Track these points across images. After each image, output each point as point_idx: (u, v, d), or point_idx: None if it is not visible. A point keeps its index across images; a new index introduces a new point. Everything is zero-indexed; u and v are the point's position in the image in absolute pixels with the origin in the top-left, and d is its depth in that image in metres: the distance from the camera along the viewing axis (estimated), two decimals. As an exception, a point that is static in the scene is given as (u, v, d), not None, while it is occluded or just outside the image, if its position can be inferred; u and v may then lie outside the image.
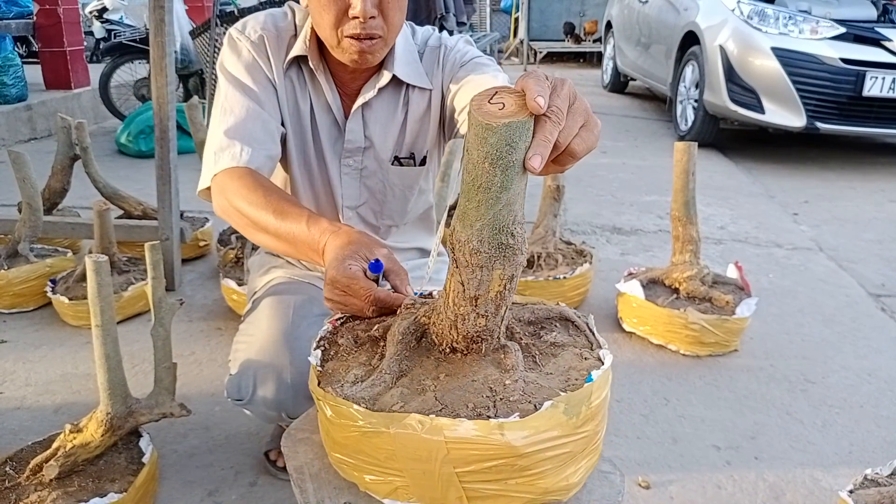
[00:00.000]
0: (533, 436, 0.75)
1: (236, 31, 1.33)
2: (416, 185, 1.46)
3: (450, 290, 0.81)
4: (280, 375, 1.24)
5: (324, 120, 1.38)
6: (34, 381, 2.02)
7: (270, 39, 1.32)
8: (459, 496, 0.78)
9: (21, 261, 2.43)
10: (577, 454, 0.81)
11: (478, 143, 0.68)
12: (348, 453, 0.82)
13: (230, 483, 1.60)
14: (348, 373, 0.86)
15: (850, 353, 2.26)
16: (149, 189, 2.97)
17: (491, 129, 0.66)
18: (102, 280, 1.31)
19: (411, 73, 1.35)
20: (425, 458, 0.76)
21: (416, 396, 0.80)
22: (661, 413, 1.91)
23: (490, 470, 0.76)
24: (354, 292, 0.96)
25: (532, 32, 11.17)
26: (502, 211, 0.71)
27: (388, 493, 0.82)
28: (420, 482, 0.79)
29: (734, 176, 4.53)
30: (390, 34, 1.23)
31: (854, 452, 1.77)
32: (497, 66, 1.40)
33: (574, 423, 0.78)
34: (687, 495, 1.60)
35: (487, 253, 0.74)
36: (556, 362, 0.86)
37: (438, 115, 1.40)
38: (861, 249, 3.22)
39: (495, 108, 0.68)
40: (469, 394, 0.79)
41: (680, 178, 2.18)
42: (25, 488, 1.36)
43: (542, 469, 0.78)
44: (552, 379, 0.82)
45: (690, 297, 2.25)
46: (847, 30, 4.43)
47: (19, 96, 5.30)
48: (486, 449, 0.75)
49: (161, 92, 2.42)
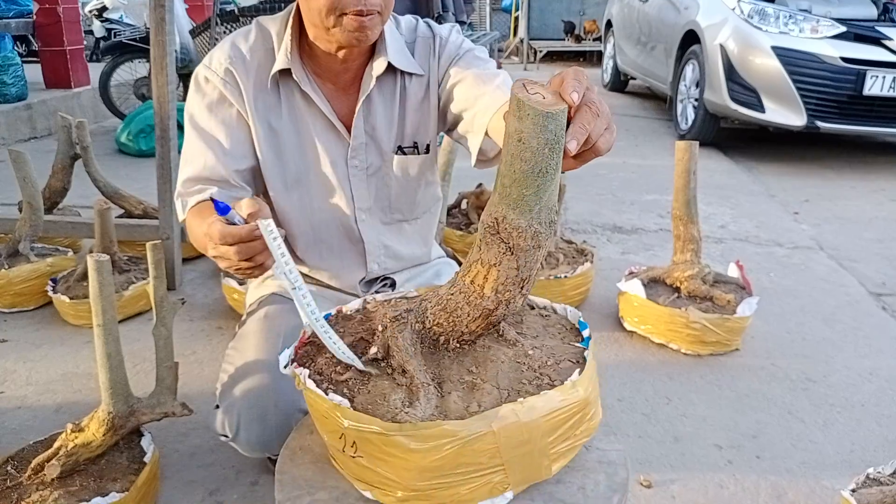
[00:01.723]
0: (590, 384, 0.89)
1: (203, 66, 1.30)
2: (423, 177, 1.44)
3: (488, 280, 0.82)
4: (264, 418, 1.23)
5: (319, 128, 1.34)
6: (35, 380, 2.02)
7: (238, 68, 1.28)
8: (548, 464, 0.86)
9: (22, 260, 2.42)
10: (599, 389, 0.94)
11: (537, 130, 0.72)
12: (440, 475, 0.80)
13: (231, 482, 1.60)
14: (389, 400, 0.83)
15: (851, 353, 2.25)
16: (149, 188, 2.97)
17: (551, 116, 0.71)
18: (104, 279, 1.30)
19: (403, 61, 1.33)
20: (527, 439, 0.82)
21: (472, 393, 0.84)
22: (662, 412, 1.91)
23: (571, 427, 0.86)
24: (222, 243, 0.94)
25: (532, 31, 11.17)
26: (553, 191, 0.78)
27: (488, 492, 0.84)
28: (519, 466, 0.83)
29: (734, 175, 4.53)
30: (386, 10, 1.20)
31: (856, 451, 1.76)
32: (488, 56, 1.39)
33: (595, 365, 0.92)
34: (689, 494, 1.60)
35: (546, 233, 0.80)
36: (529, 327, 0.96)
37: (437, 104, 1.39)
38: (862, 248, 3.22)
39: (538, 97, 0.73)
40: (512, 372, 0.87)
41: (681, 177, 2.18)
42: (27, 488, 1.36)
43: (593, 410, 0.91)
44: (551, 339, 0.95)
45: (692, 297, 2.24)
46: (847, 29, 4.42)
47: (19, 95, 5.30)
48: (570, 409, 0.85)
49: (162, 91, 2.42)
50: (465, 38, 1.40)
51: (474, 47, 1.38)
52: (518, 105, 0.72)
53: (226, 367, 1.34)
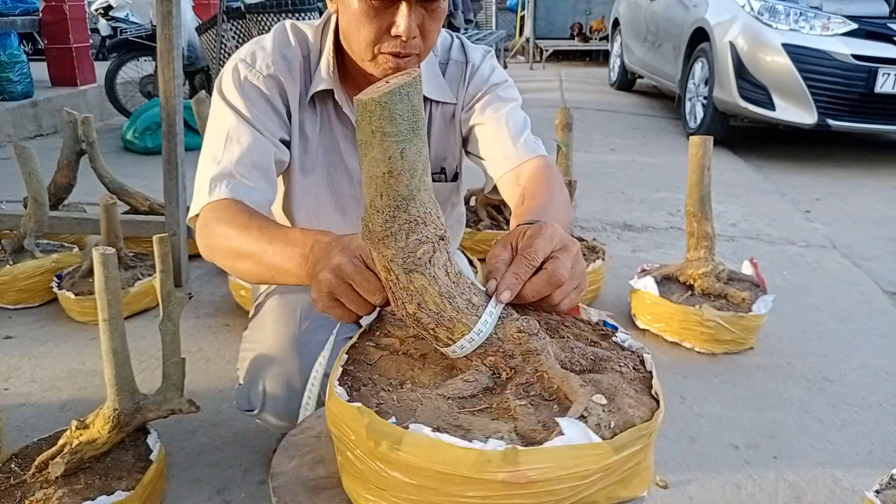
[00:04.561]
0: (337, 422, 0.76)
1: (245, 64, 1.25)
2: (449, 200, 1.45)
3: None
4: (289, 383, 1.21)
5: (349, 148, 1.33)
6: (40, 377, 1.99)
7: (284, 75, 1.25)
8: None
9: (27, 256, 2.40)
10: (370, 485, 0.77)
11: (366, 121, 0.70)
12: None
13: (239, 481, 1.57)
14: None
15: (867, 351, 2.22)
16: (155, 186, 2.95)
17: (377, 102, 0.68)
18: (110, 273, 1.28)
19: (436, 89, 1.33)
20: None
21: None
22: (677, 411, 1.87)
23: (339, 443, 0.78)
24: (362, 280, 0.82)
25: (538, 30, 11.13)
26: (365, 188, 0.74)
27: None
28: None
29: (744, 173, 4.49)
30: (426, 51, 1.19)
31: (875, 452, 1.73)
32: (515, 90, 1.39)
33: (370, 449, 0.71)
34: (706, 495, 1.56)
35: (364, 226, 0.77)
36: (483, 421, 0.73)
37: (461, 131, 1.39)
38: (875, 247, 3.17)
39: (381, 85, 0.70)
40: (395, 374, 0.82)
41: (695, 173, 2.14)
42: (31, 486, 1.33)
43: (341, 463, 0.79)
44: (440, 418, 0.73)
45: (705, 294, 2.21)
46: (859, 26, 4.37)
47: (25, 93, 5.30)
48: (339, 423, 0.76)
49: (168, 86, 2.40)
50: (494, 68, 1.40)
51: (500, 81, 1.38)
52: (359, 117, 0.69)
53: (245, 346, 1.34)
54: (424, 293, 0.76)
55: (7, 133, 4.98)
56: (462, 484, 0.66)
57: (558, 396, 0.75)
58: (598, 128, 5.83)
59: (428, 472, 0.66)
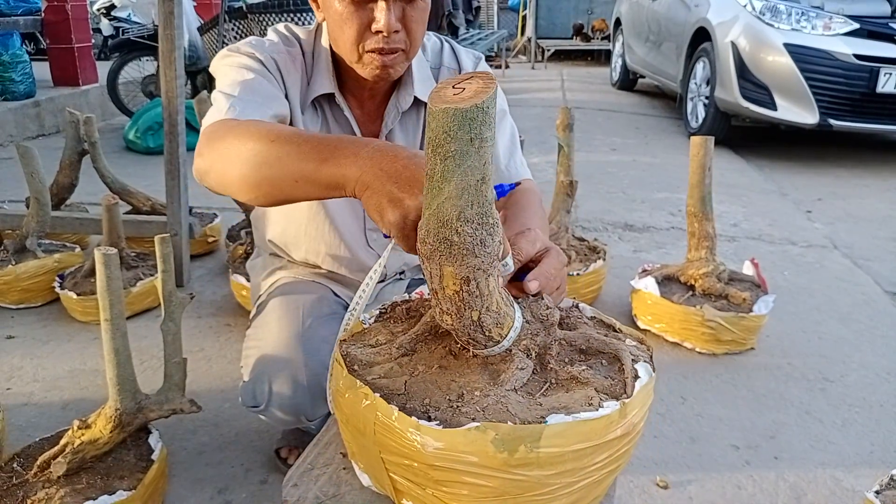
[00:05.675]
0: (446, 451, 0.70)
1: (248, 45, 1.23)
2: None
3: None
4: (295, 378, 1.22)
5: None
6: (42, 377, 2.00)
7: (287, 64, 1.25)
8: (388, 483, 0.78)
9: (29, 256, 2.41)
10: (506, 497, 0.72)
11: (426, 127, 0.67)
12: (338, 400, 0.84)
13: (240, 481, 1.58)
14: (374, 337, 0.88)
15: (868, 352, 2.22)
16: (157, 186, 2.95)
17: (431, 113, 0.65)
18: (112, 273, 1.28)
19: (428, 92, 1.32)
20: (362, 430, 0.77)
21: (398, 377, 0.79)
22: (678, 412, 1.87)
23: (407, 469, 0.74)
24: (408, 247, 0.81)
25: (540, 30, 11.12)
26: (444, 204, 0.68)
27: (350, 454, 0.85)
28: (360, 453, 0.81)
29: (746, 173, 4.49)
30: (412, 48, 1.19)
31: (875, 452, 1.73)
32: (503, 99, 1.37)
33: (505, 460, 0.69)
34: (706, 496, 1.56)
35: (432, 245, 0.71)
36: (560, 396, 0.76)
37: None
38: (876, 247, 3.17)
39: (451, 92, 0.66)
40: (438, 390, 0.77)
41: (696, 174, 2.14)
42: (33, 485, 1.34)
43: (456, 491, 0.72)
44: (532, 409, 0.73)
45: (706, 294, 2.21)
46: (860, 25, 4.37)
47: (27, 93, 5.30)
48: (402, 444, 0.72)
49: (170, 85, 2.40)
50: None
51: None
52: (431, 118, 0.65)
53: (249, 344, 1.34)
54: (493, 294, 0.74)
55: (9, 133, 4.99)
56: (593, 453, 0.73)
57: (590, 351, 0.85)
58: (600, 128, 5.82)
59: (566, 456, 0.71)
